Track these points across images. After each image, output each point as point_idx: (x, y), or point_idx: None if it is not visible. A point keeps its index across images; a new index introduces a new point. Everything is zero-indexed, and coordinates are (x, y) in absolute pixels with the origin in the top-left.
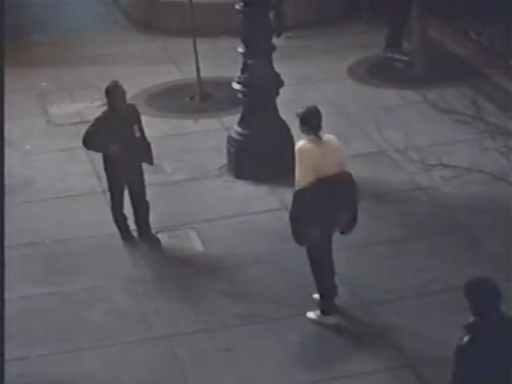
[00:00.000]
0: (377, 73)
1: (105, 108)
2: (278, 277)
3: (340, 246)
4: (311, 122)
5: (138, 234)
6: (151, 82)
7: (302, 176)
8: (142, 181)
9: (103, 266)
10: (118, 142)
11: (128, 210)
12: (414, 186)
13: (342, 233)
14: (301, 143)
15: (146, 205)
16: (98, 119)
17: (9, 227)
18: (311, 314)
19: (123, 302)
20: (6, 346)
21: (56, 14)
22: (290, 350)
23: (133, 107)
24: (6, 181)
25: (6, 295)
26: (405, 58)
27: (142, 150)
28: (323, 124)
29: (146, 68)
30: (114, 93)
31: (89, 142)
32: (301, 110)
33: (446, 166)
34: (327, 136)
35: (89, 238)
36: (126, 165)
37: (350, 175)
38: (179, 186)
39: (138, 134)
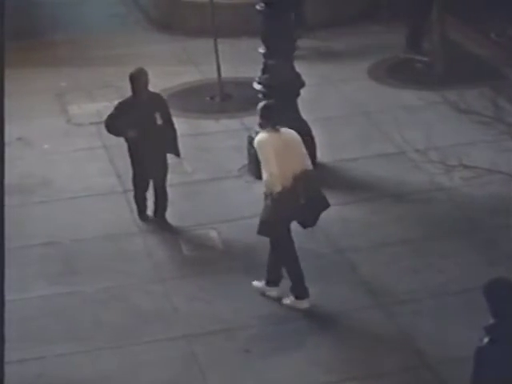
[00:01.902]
0: (397, 73)
1: None
2: None
3: (359, 245)
4: (269, 116)
5: (154, 217)
6: (172, 82)
7: (268, 168)
8: (165, 169)
9: (122, 265)
10: (136, 127)
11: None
12: (434, 186)
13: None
14: (258, 136)
15: (165, 196)
16: (120, 104)
17: (27, 227)
18: (286, 300)
19: (142, 302)
20: (24, 345)
21: (76, 13)
22: (308, 350)
23: (157, 96)
24: (26, 181)
25: (24, 295)
26: (425, 59)
27: (165, 139)
28: (344, 124)
29: (166, 68)
30: (136, 79)
31: (109, 126)
32: (260, 105)
33: (465, 167)
34: (285, 129)
35: (107, 238)
36: (147, 151)
37: (314, 175)
38: (200, 186)
39: (159, 122)
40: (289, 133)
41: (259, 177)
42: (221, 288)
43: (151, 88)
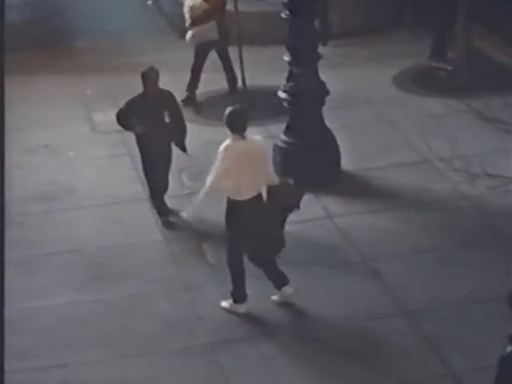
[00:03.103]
0: (422, 81)
1: None
2: (322, 286)
3: (383, 254)
4: (235, 122)
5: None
6: (197, 90)
7: (221, 176)
8: (169, 161)
9: (146, 273)
10: (145, 123)
11: None
12: (458, 195)
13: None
14: (225, 142)
15: (166, 183)
16: (130, 100)
17: (52, 234)
18: (224, 303)
19: (166, 310)
20: (48, 352)
21: (100, 21)
22: (331, 358)
23: (168, 93)
24: (51, 188)
25: (49, 302)
26: (449, 67)
27: (171, 137)
28: (368, 132)
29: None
30: (147, 77)
31: (119, 119)
32: (226, 111)
33: (490, 176)
34: (252, 137)
35: (132, 245)
36: (154, 147)
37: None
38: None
39: (167, 120)
40: (255, 142)
41: None
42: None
43: (179, 98)
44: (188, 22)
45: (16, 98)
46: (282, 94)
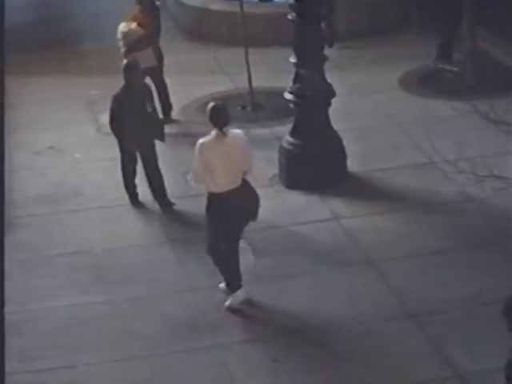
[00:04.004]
0: (428, 83)
1: None
2: (328, 288)
3: (389, 255)
4: (216, 118)
5: (158, 204)
6: (203, 92)
7: (200, 170)
8: (154, 151)
9: (152, 274)
10: (131, 115)
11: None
12: (465, 197)
13: None
14: (204, 138)
15: (160, 175)
16: (116, 95)
17: (58, 236)
18: (227, 302)
19: (172, 311)
20: (54, 354)
21: (107, 22)
22: (338, 361)
23: (145, 85)
24: (56, 189)
25: (55, 303)
26: (455, 69)
27: (154, 125)
28: (375, 134)
29: (197, 77)
30: (129, 69)
31: (112, 122)
32: (208, 106)
33: (496, 178)
34: (233, 131)
35: (138, 247)
36: (139, 137)
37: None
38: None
39: (149, 110)
40: (235, 136)
41: (290, 186)
42: (252, 298)
43: (185, 99)
44: (123, 50)
45: (22, 100)
46: (288, 96)
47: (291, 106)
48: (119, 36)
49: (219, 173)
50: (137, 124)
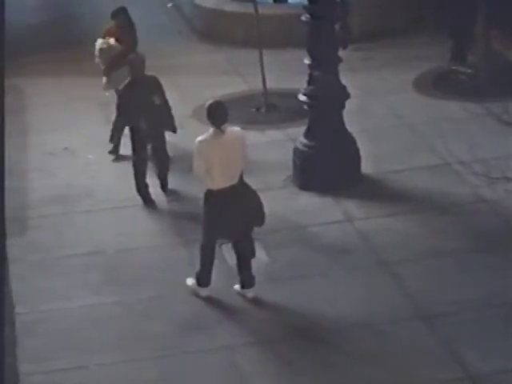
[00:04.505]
0: (441, 85)
1: None
2: (340, 289)
3: (402, 257)
4: (214, 115)
5: (161, 188)
6: (217, 93)
7: (201, 169)
8: (164, 141)
9: (164, 275)
10: (138, 108)
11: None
12: (478, 198)
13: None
14: (202, 136)
15: (167, 159)
16: (121, 90)
17: (71, 236)
18: (189, 281)
19: (184, 312)
20: (66, 354)
21: None
22: (350, 362)
23: (154, 78)
24: (69, 190)
25: (67, 304)
26: (469, 71)
27: (164, 117)
28: (388, 135)
29: (211, 79)
30: (133, 64)
31: (123, 115)
32: (207, 103)
33: (509, 179)
34: (231, 129)
35: (150, 248)
36: (149, 129)
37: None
38: None
39: (157, 102)
40: (233, 133)
41: (303, 188)
42: (265, 299)
43: (199, 100)
44: (103, 67)
45: (35, 101)
46: (302, 97)
47: (305, 107)
48: (97, 53)
49: (217, 170)
50: (145, 117)
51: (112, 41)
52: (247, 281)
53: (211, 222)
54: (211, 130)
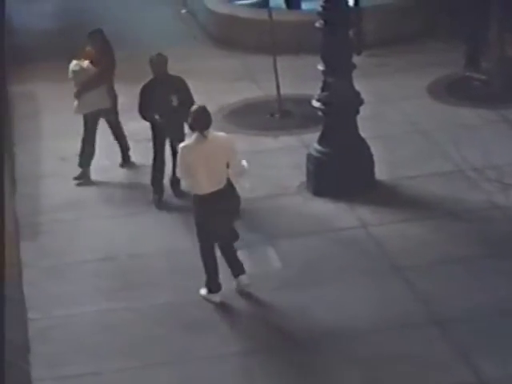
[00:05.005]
0: (456, 91)
1: None
2: (354, 294)
3: (415, 263)
4: (198, 120)
5: (171, 186)
6: (231, 99)
7: (184, 173)
8: (183, 138)
9: (177, 281)
10: (156, 107)
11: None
12: (491, 205)
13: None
14: (185, 142)
15: None
16: (142, 87)
17: (83, 242)
18: (202, 291)
19: (197, 318)
20: (79, 360)
21: (135, 30)
22: (363, 367)
23: (178, 79)
24: (81, 196)
25: (79, 310)
26: (483, 77)
27: (182, 119)
28: (402, 142)
29: (225, 84)
30: (153, 63)
31: (140, 111)
32: (192, 108)
33: None
34: (215, 134)
35: (163, 254)
36: (167, 127)
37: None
38: (258, 203)
39: (175, 103)
40: (218, 138)
41: (317, 194)
42: (277, 305)
43: (213, 106)
44: (75, 89)
45: (49, 106)
46: (316, 104)
47: (319, 113)
48: (70, 75)
49: (201, 175)
50: (162, 115)
51: (86, 63)
52: (239, 267)
53: (202, 225)
54: (194, 135)
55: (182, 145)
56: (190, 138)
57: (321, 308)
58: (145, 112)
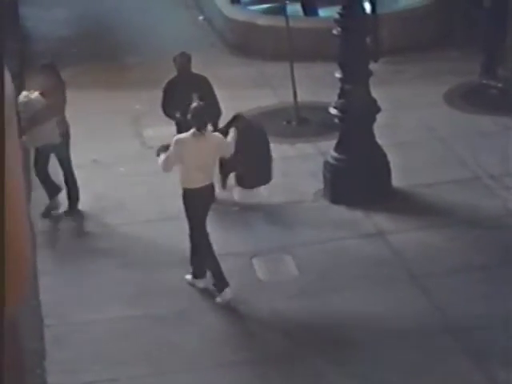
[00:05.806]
0: (472, 99)
1: None
2: (370, 302)
3: (432, 271)
4: (197, 117)
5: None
6: (248, 106)
7: (170, 159)
8: None
9: (196, 289)
10: (178, 105)
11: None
12: (508, 212)
13: None
14: (181, 135)
15: None
16: (165, 84)
17: (102, 249)
18: (187, 276)
19: (216, 325)
20: (97, 367)
21: (151, 36)
22: (380, 375)
23: (202, 78)
24: (101, 202)
25: (97, 316)
26: (500, 85)
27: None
28: (419, 149)
29: (242, 91)
30: (176, 61)
31: (163, 109)
32: (192, 105)
33: None
34: (212, 134)
35: (182, 260)
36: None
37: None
38: (275, 210)
39: (195, 102)
40: (214, 138)
41: (334, 201)
42: (295, 313)
43: (230, 113)
44: (24, 123)
45: (66, 113)
46: (332, 111)
47: (336, 120)
48: (19, 107)
49: (193, 170)
50: (186, 112)
51: (35, 94)
52: (201, 270)
53: (195, 215)
54: (191, 130)
55: (176, 137)
56: (186, 133)
57: (337, 315)
58: (167, 110)
